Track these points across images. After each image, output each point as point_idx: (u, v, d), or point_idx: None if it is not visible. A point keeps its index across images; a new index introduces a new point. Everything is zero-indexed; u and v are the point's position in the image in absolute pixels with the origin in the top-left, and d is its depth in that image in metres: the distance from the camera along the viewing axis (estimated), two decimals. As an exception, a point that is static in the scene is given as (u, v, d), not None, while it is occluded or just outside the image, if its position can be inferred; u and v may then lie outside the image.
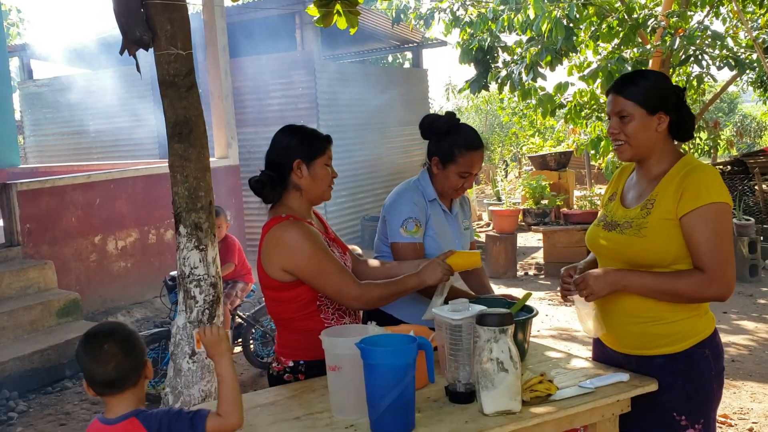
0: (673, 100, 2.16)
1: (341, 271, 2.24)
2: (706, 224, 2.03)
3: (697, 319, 2.15)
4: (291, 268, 2.22)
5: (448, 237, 2.75)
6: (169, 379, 3.36)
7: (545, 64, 7.47)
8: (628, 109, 2.14)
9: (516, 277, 8.35)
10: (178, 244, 3.32)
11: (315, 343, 2.20)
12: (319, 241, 2.25)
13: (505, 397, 1.85)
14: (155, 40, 3.23)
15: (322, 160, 2.34)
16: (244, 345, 5.12)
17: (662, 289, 2.06)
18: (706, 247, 2.02)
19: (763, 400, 4.34)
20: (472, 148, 2.65)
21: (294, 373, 2.32)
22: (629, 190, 2.29)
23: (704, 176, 2.08)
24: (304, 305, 2.28)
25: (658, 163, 2.19)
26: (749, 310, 6.49)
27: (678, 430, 2.15)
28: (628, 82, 2.18)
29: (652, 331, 2.14)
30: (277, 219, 2.28)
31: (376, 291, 2.28)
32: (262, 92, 9.93)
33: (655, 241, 2.09)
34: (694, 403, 2.14)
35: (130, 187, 7.24)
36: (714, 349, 2.17)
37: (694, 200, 2.05)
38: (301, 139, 2.34)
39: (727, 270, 2.03)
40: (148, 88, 10.08)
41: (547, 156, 12.08)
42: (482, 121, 22.78)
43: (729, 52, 7.11)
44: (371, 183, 10.99)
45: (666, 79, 2.24)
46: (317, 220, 2.47)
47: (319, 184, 2.35)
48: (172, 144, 3.30)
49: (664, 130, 2.16)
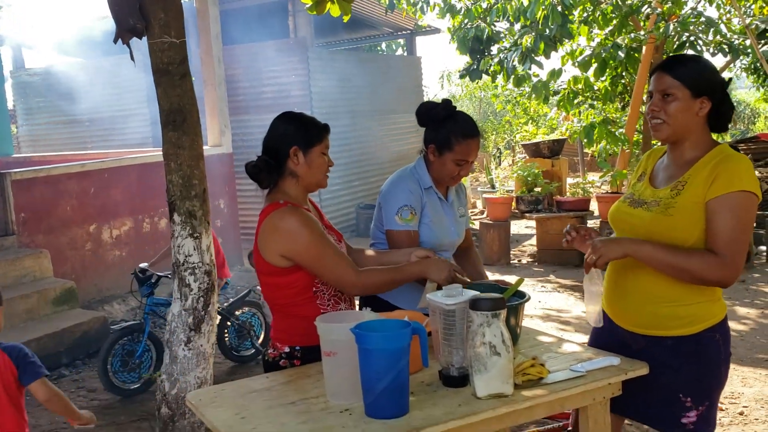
0: (719, 89, 2.17)
1: (340, 257, 2.27)
2: (731, 210, 2.05)
3: (711, 304, 2.17)
4: (290, 254, 2.24)
5: (444, 225, 2.77)
6: (165, 366, 3.38)
7: (540, 52, 7.48)
8: (673, 89, 2.14)
9: (509, 264, 8.39)
10: (172, 232, 3.34)
11: (311, 328, 2.22)
12: (317, 227, 2.27)
13: (497, 380, 1.88)
14: (149, 28, 3.23)
15: (318, 149, 2.35)
16: (219, 338, 5.11)
17: (673, 262, 2.06)
18: (726, 232, 2.04)
19: (754, 384, 4.39)
20: (469, 136, 2.66)
21: (290, 359, 2.33)
22: (659, 172, 2.30)
23: (738, 165, 2.09)
24: (301, 291, 2.30)
25: (691, 148, 2.19)
26: (741, 296, 6.54)
27: (682, 410, 2.18)
28: (679, 63, 2.18)
29: (665, 312, 2.17)
30: (275, 205, 2.29)
31: (374, 277, 2.30)
32: (255, 80, 9.91)
33: (681, 221, 2.11)
34: (702, 386, 2.17)
35: (124, 176, 7.24)
36: (724, 334, 2.19)
37: (725, 186, 2.06)
38: (299, 126, 2.35)
39: (740, 258, 2.05)
40: (141, 77, 10.04)
41: (541, 144, 12.10)
42: (476, 109, 22.76)
43: (723, 38, 7.13)
44: (366, 171, 11.00)
45: (714, 68, 2.24)
46: (313, 208, 2.48)
47: (315, 172, 2.36)
48: (166, 132, 3.30)
49: (704, 116, 2.17)
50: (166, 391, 3.35)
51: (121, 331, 4.73)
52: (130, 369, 4.74)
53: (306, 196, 2.43)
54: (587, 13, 7.73)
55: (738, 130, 19.37)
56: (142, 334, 4.74)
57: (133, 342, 4.77)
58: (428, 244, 2.69)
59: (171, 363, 3.36)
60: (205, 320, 3.36)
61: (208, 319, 3.38)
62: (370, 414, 1.83)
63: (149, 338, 4.78)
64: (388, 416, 1.81)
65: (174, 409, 3.33)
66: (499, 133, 20.13)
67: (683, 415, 2.18)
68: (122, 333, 4.73)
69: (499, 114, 20.84)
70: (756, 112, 23.53)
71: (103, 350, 4.65)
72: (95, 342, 5.52)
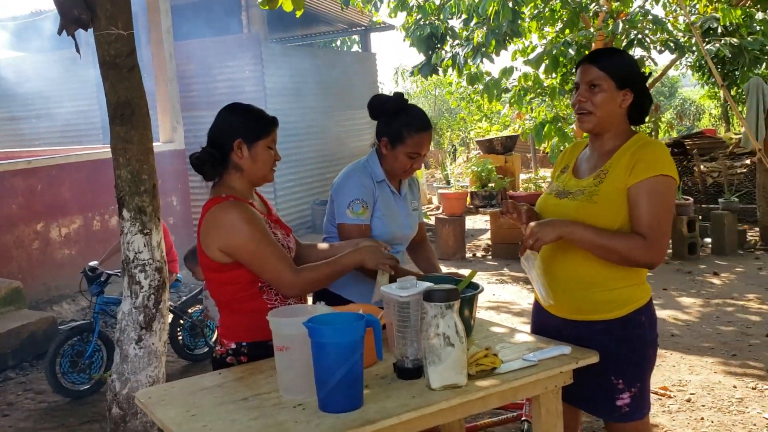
0: (639, 81, 2.27)
1: (279, 256, 2.21)
2: (651, 194, 2.14)
3: (636, 288, 2.27)
4: (229, 250, 2.19)
5: (397, 218, 2.77)
6: (116, 366, 3.31)
7: (491, 49, 7.55)
8: (599, 80, 2.23)
9: (464, 258, 8.46)
10: (121, 228, 3.27)
11: (258, 324, 2.20)
12: (258, 223, 2.22)
13: (451, 371, 1.89)
14: (95, 19, 3.15)
15: (264, 142, 2.30)
16: (171, 336, 5.03)
17: (603, 243, 2.14)
18: (648, 215, 2.13)
19: (701, 372, 4.51)
20: (421, 129, 2.66)
21: (236, 356, 2.29)
22: (582, 164, 2.38)
23: (656, 150, 2.20)
24: (246, 286, 2.26)
25: (612, 139, 2.29)
26: (688, 286, 6.72)
27: (615, 393, 2.26)
28: (604, 55, 2.27)
29: (594, 297, 2.24)
30: (217, 199, 2.24)
31: (312, 274, 2.26)
32: (208, 76, 9.77)
33: (606, 207, 2.19)
34: (632, 368, 2.25)
35: (73, 172, 7.06)
36: (650, 316, 2.30)
37: (645, 171, 2.15)
38: (245, 119, 2.30)
39: (664, 240, 2.15)
40: (89, 71, 9.80)
41: (494, 140, 12.25)
42: (431, 106, 22.86)
43: (669, 36, 7.31)
44: (321, 167, 10.95)
45: (636, 62, 2.36)
46: (260, 201, 2.44)
47: (259, 166, 2.31)
48: (114, 126, 3.23)
49: (626, 108, 2.26)
50: (117, 391, 3.28)
51: (70, 331, 4.62)
52: (80, 370, 4.63)
53: (251, 189, 2.38)
54: (538, 10, 7.84)
55: (684, 126, 19.88)
56: (92, 333, 4.64)
57: (82, 342, 4.66)
58: (381, 237, 2.69)
59: (122, 362, 3.29)
60: (157, 318, 3.30)
61: (160, 317, 3.32)
62: (324, 408, 1.82)
63: (100, 338, 4.68)
64: (341, 410, 1.80)
65: (125, 409, 3.26)
66: (453, 130, 20.28)
67: (617, 397, 2.26)
68: (71, 333, 4.62)
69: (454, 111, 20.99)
70: (701, 109, 24.20)
71: (50, 351, 4.53)
72: (43, 343, 5.37)
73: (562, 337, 2.29)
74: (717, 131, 15.75)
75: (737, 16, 7.15)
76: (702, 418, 3.83)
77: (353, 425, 1.73)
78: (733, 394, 4.14)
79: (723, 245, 7.98)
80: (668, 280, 7.01)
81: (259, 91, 9.61)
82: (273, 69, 9.81)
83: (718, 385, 4.29)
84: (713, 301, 6.15)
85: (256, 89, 9.62)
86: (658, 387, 4.27)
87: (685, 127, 19.32)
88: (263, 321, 2.23)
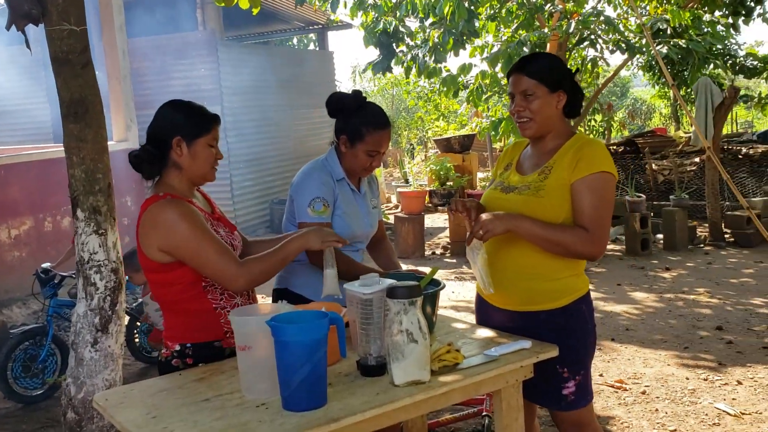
0: (569, 79, 2.35)
1: (221, 251, 2.13)
2: (593, 190, 2.24)
3: (576, 278, 2.36)
4: (168, 249, 2.13)
5: (357, 216, 2.76)
6: (71, 370, 3.23)
7: (448, 48, 7.60)
8: (531, 88, 2.30)
9: (424, 256, 8.50)
10: (75, 228, 3.19)
11: (202, 324, 2.17)
12: (197, 220, 2.15)
13: (414, 367, 1.89)
14: (46, 14, 3.06)
15: (204, 140, 2.23)
16: (128, 339, 4.93)
17: (548, 236, 2.22)
18: (590, 209, 2.23)
19: (655, 365, 4.62)
20: (380, 127, 2.66)
21: (181, 358, 2.22)
22: (525, 161, 2.46)
23: (596, 149, 2.31)
24: (188, 286, 2.20)
25: (553, 139, 2.38)
26: (641, 281, 6.88)
27: (561, 381, 2.34)
28: (532, 63, 2.34)
29: (536, 287, 2.32)
30: (154, 198, 2.18)
31: (256, 266, 2.17)
32: (162, 73, 9.62)
33: (551, 201, 2.28)
34: (575, 356, 2.33)
35: (22, 172, 6.86)
36: (589, 306, 2.40)
37: (586, 168, 2.26)
38: (185, 115, 2.23)
39: (605, 233, 2.26)
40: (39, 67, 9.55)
41: (452, 139, 12.33)
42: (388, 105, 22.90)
43: (621, 36, 7.46)
44: (279, 166, 10.88)
45: (561, 61, 2.44)
46: (202, 198, 2.38)
47: (199, 164, 2.24)
48: (67, 124, 3.15)
49: (561, 108, 2.35)
50: (72, 395, 3.20)
51: (22, 335, 4.49)
52: (33, 374, 4.51)
53: (192, 188, 2.31)
54: (494, 10, 7.92)
55: (635, 126, 20.33)
56: (46, 337, 4.52)
57: (35, 346, 4.53)
58: (342, 235, 2.67)
59: (77, 366, 3.21)
60: (113, 320, 3.23)
61: (116, 319, 3.25)
62: (288, 407, 1.81)
63: (53, 341, 4.55)
64: (305, 408, 1.79)
65: (81, 414, 3.19)
66: (411, 129, 20.36)
67: (563, 386, 2.34)
68: (23, 337, 4.49)
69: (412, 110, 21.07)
70: (652, 108, 24.79)
71: (2, 356, 4.40)
72: (-7, 348, 5.21)
73: (506, 329, 2.36)
74: (667, 130, 16.16)
75: (686, 18, 7.34)
76: (656, 410, 3.93)
77: (317, 423, 1.72)
78: (686, 385, 4.25)
79: (674, 241, 8.18)
80: (622, 275, 7.16)
81: (215, 89, 9.50)
82: (229, 67, 9.70)
83: (671, 377, 4.39)
84: (665, 296, 6.30)
85: (212, 87, 9.50)
86: (614, 380, 4.36)
87: (636, 126, 19.76)
88: (208, 321, 2.20)
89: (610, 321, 5.63)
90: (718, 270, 7.19)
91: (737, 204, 8.58)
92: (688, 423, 3.74)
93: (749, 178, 9.71)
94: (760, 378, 4.29)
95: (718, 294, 6.28)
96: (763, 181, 9.56)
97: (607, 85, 11.91)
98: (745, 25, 9.12)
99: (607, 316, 5.75)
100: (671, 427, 3.70)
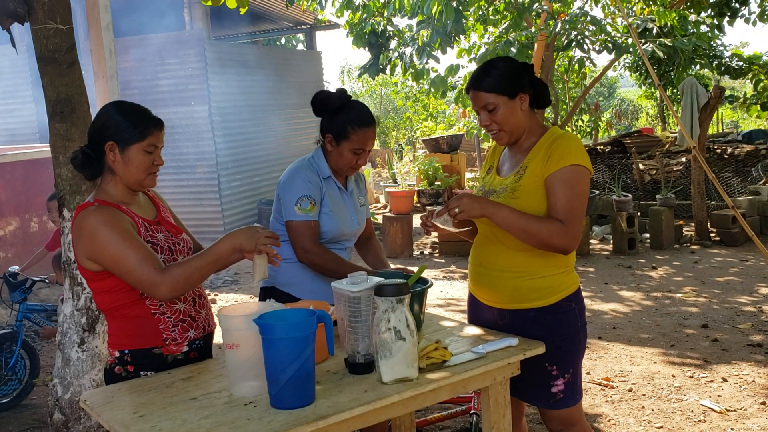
0: (526, 77, 2.34)
1: (141, 257, 2.03)
2: (566, 183, 2.24)
3: (565, 276, 2.36)
4: (93, 257, 2.09)
5: (344, 214, 2.77)
6: (57, 370, 3.21)
7: (436, 46, 7.62)
8: (491, 101, 2.30)
9: (412, 256, 8.51)
10: (62, 228, 3.18)
11: (139, 329, 2.14)
12: (119, 226, 2.07)
13: (402, 365, 1.90)
14: (32, 13, 3.05)
15: (140, 146, 2.14)
16: None
17: (524, 226, 2.21)
18: (563, 202, 2.23)
19: (641, 362, 4.65)
20: (365, 125, 2.67)
21: (123, 365, 2.17)
22: (504, 163, 2.48)
23: (568, 142, 2.30)
24: (125, 294, 2.14)
25: (528, 137, 2.38)
26: (628, 280, 6.92)
27: (550, 379, 2.34)
28: (483, 75, 2.32)
29: (525, 285, 2.32)
30: (84, 205, 2.14)
31: (178, 271, 2.05)
32: (149, 73, 9.57)
33: (528, 201, 2.28)
34: (565, 354, 2.33)
35: (7, 173, 6.82)
36: (579, 303, 2.39)
37: (558, 162, 2.25)
38: (122, 119, 2.14)
39: (578, 226, 2.24)
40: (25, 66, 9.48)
41: (440, 139, 12.35)
42: (377, 106, 22.92)
43: (607, 36, 7.50)
44: (267, 166, 10.85)
45: (512, 61, 2.39)
46: (147, 202, 2.32)
47: (133, 171, 2.15)
48: (53, 123, 3.14)
49: (527, 108, 2.35)
50: (59, 396, 3.19)
51: None
52: (2, 381, 4.37)
53: (130, 192, 2.22)
54: (482, 11, 7.95)
55: (622, 126, 20.44)
56: (15, 343, 4.39)
57: (4, 352, 4.39)
58: (329, 234, 2.69)
59: (63, 366, 3.20)
60: (100, 320, 3.22)
61: (103, 319, 3.24)
62: (276, 405, 1.81)
63: (23, 347, 4.43)
64: (294, 406, 1.79)
65: (68, 415, 3.18)
66: (399, 129, 20.39)
67: (552, 384, 2.34)
68: None
69: (400, 110, 21.10)
70: (638, 109, 24.94)
71: None
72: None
73: (497, 327, 2.37)
74: (654, 130, 16.26)
75: (672, 18, 7.40)
76: (643, 407, 3.95)
77: (306, 421, 1.72)
78: (672, 382, 4.28)
79: (661, 240, 8.24)
80: (609, 274, 7.20)
81: (203, 89, 9.47)
82: (216, 67, 9.67)
83: (657, 374, 4.43)
84: (652, 294, 6.34)
85: (200, 87, 9.48)
86: (601, 378, 4.39)
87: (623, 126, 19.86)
88: (145, 327, 2.16)
89: (597, 319, 5.66)
90: (704, 269, 7.25)
91: (723, 203, 8.65)
92: (674, 420, 3.77)
93: (734, 177, 9.79)
94: (744, 375, 4.33)
95: (704, 292, 6.33)
96: (748, 181, 9.64)
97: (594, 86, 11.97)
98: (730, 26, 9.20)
99: (594, 315, 5.78)
100: (657, 424, 3.72)
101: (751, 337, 5.05)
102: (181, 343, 2.22)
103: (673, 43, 7.43)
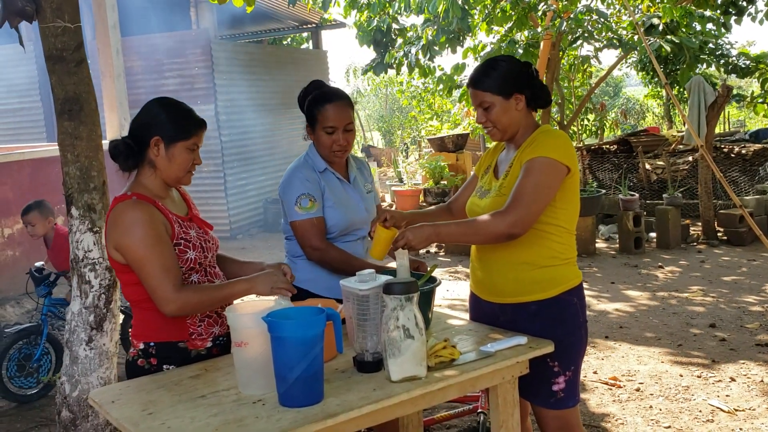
0: (524, 78, 2.36)
1: (165, 268, 2.07)
2: (528, 171, 2.25)
3: (565, 268, 2.36)
4: (121, 249, 2.11)
5: (350, 204, 2.74)
6: (65, 368, 3.22)
7: (441, 44, 7.60)
8: (487, 100, 2.35)
9: (418, 254, 8.50)
10: (70, 227, 3.18)
11: (167, 322, 2.14)
12: (154, 229, 2.10)
13: (411, 363, 1.90)
14: (40, 11, 3.05)
15: (184, 144, 2.19)
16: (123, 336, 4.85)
17: (464, 230, 2.28)
18: (517, 187, 2.24)
19: (648, 362, 4.64)
20: (326, 101, 2.63)
21: (146, 357, 2.19)
22: (501, 163, 2.49)
23: (549, 137, 2.32)
24: None
25: (522, 136, 2.41)
26: (634, 280, 6.90)
27: (551, 376, 2.34)
28: (481, 75, 2.37)
29: (525, 276, 2.32)
30: (123, 197, 2.16)
31: (192, 295, 2.11)
32: (156, 72, 9.60)
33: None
34: (566, 349, 2.32)
35: (15, 171, 6.84)
36: (581, 299, 2.39)
37: (531, 153, 2.29)
38: (169, 116, 2.19)
39: (524, 211, 2.20)
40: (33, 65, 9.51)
41: (445, 138, 12.32)
42: (382, 105, 22.92)
43: (613, 33, 7.47)
44: (273, 164, 10.87)
45: (514, 61, 2.41)
46: (179, 198, 2.35)
47: (174, 168, 2.20)
48: (62, 122, 3.14)
49: (523, 108, 2.37)
50: (67, 394, 3.19)
51: (16, 335, 4.48)
52: (28, 374, 4.49)
53: (166, 188, 2.26)
54: (488, 10, 7.92)
55: (629, 125, 20.39)
56: (40, 336, 4.51)
57: (30, 345, 4.52)
58: (338, 226, 2.68)
59: (71, 364, 3.20)
60: (108, 318, 3.22)
61: (111, 317, 3.24)
62: (284, 403, 1.81)
63: (48, 340, 4.54)
64: (302, 404, 1.79)
65: (76, 412, 3.18)
66: (405, 129, 20.37)
67: (553, 381, 2.34)
68: (18, 336, 4.48)
69: (405, 110, 21.08)
70: (645, 108, 24.86)
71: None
72: (-13, 347, 5.17)
73: (499, 323, 2.37)
74: (660, 129, 16.20)
75: (677, 15, 7.35)
76: (651, 407, 3.94)
77: (314, 419, 1.72)
78: (680, 382, 4.26)
79: (667, 239, 8.21)
80: (615, 273, 7.18)
81: (209, 88, 9.48)
82: (223, 66, 9.69)
83: (665, 374, 4.41)
84: (659, 294, 6.32)
85: (206, 86, 9.49)
86: (608, 377, 4.38)
87: (630, 126, 19.82)
88: (175, 320, 2.16)
89: (603, 319, 5.64)
90: (711, 268, 7.22)
91: (730, 202, 8.61)
92: (682, 420, 3.76)
93: (742, 176, 9.74)
94: (753, 375, 4.31)
95: (711, 292, 6.31)
96: (756, 180, 9.60)
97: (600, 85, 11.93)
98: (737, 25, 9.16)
99: (600, 314, 5.76)
100: (665, 424, 3.71)
101: (758, 337, 5.03)
102: (205, 339, 2.23)
103: (680, 38, 7.38)
